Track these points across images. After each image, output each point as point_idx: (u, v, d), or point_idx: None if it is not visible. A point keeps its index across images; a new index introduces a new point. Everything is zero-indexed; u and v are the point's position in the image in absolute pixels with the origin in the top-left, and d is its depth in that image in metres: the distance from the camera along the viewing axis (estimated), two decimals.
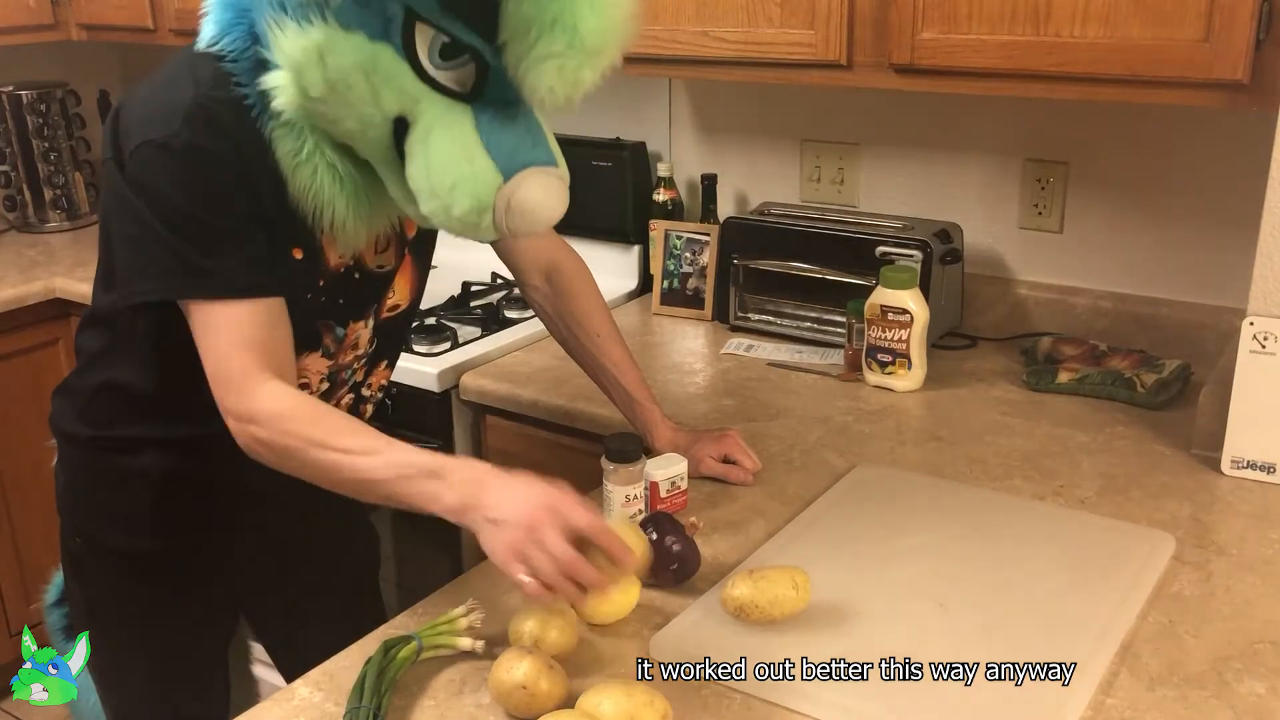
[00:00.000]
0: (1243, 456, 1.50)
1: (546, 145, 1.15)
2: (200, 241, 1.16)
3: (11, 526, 2.65)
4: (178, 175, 1.15)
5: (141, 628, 1.45)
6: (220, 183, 1.16)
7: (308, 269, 1.26)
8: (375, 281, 1.36)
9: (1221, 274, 1.89)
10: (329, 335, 1.34)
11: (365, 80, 1.08)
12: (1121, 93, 1.57)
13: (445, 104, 1.10)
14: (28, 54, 3.04)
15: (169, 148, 1.14)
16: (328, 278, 1.29)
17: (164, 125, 1.15)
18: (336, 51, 1.07)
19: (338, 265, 1.29)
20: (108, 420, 1.37)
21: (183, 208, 1.16)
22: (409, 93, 1.09)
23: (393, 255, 1.37)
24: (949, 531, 1.38)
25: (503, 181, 1.10)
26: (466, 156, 1.10)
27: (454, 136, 1.10)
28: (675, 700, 1.08)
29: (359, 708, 1.06)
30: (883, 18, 1.71)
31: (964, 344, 2.04)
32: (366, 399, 1.48)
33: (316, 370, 1.36)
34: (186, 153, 1.14)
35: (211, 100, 1.16)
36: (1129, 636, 1.17)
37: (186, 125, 1.14)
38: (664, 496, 1.39)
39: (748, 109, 2.30)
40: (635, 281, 2.39)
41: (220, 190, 1.16)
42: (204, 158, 1.15)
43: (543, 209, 1.14)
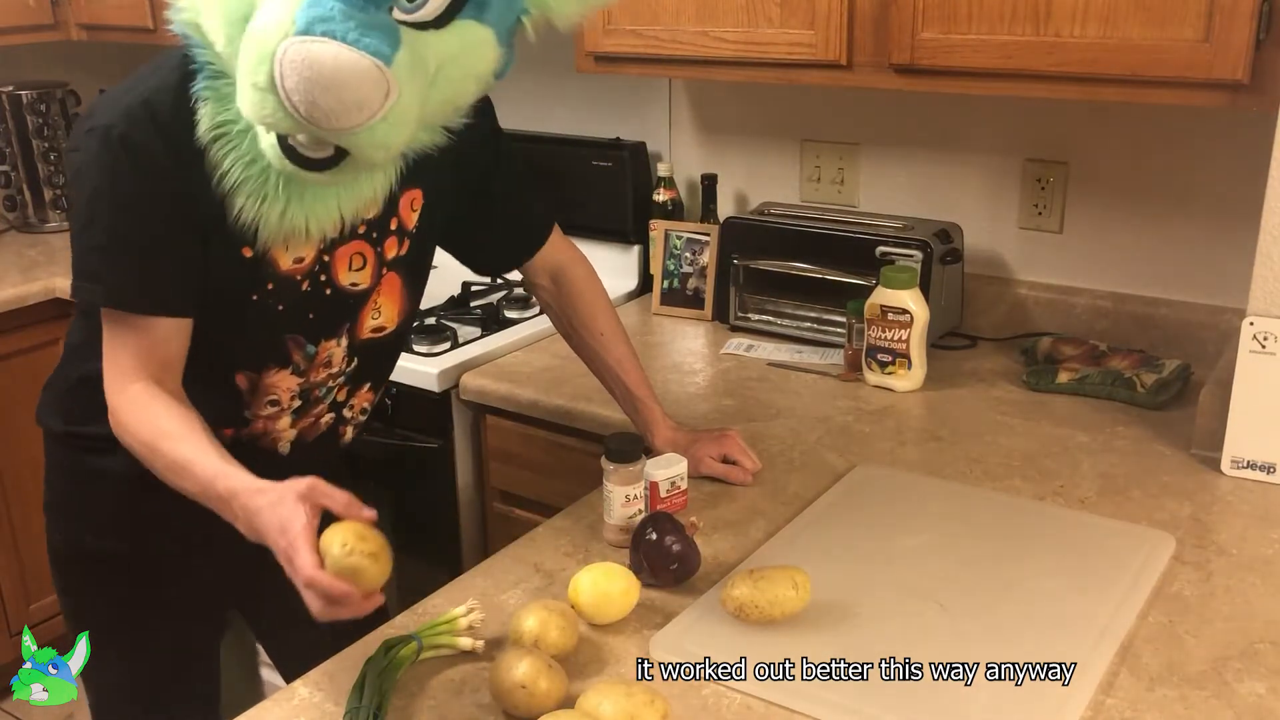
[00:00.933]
0: (1243, 456, 1.50)
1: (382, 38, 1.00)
2: (111, 243, 1.17)
3: (11, 526, 2.65)
4: (106, 167, 1.15)
5: (118, 627, 1.44)
6: (146, 182, 1.15)
7: (256, 269, 1.23)
8: (348, 300, 1.32)
9: (1221, 274, 1.89)
10: (298, 352, 1.32)
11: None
12: (1121, 93, 1.57)
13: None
14: (28, 54, 3.04)
15: (105, 138, 1.14)
16: (280, 283, 1.25)
17: (107, 115, 1.15)
18: None
19: (292, 270, 1.25)
20: (81, 416, 1.37)
21: (104, 203, 1.16)
22: None
23: (369, 275, 1.33)
24: (949, 531, 1.38)
25: (293, 34, 0.98)
26: (268, 15, 1.01)
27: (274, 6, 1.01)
28: (675, 700, 1.09)
29: (359, 708, 1.06)
30: (883, 18, 1.71)
31: (964, 344, 2.04)
32: (348, 420, 1.46)
33: (286, 388, 1.34)
34: (119, 145, 1.14)
35: (160, 94, 1.15)
36: (1129, 636, 1.17)
37: (125, 118, 1.14)
38: (664, 496, 1.39)
39: (748, 109, 2.30)
40: (635, 281, 2.39)
41: (144, 190, 1.15)
42: (135, 153, 1.14)
43: (325, 69, 0.98)
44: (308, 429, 1.41)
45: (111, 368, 1.21)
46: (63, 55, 3.14)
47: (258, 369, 1.31)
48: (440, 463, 2.01)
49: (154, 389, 1.20)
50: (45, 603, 2.72)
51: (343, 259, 1.29)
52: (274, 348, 1.30)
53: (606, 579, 1.21)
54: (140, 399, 1.19)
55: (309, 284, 1.28)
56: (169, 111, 1.14)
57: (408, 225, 1.36)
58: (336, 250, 1.28)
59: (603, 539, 1.39)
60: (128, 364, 1.19)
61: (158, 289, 1.19)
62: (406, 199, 1.33)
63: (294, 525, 1.04)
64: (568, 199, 2.44)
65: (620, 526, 1.36)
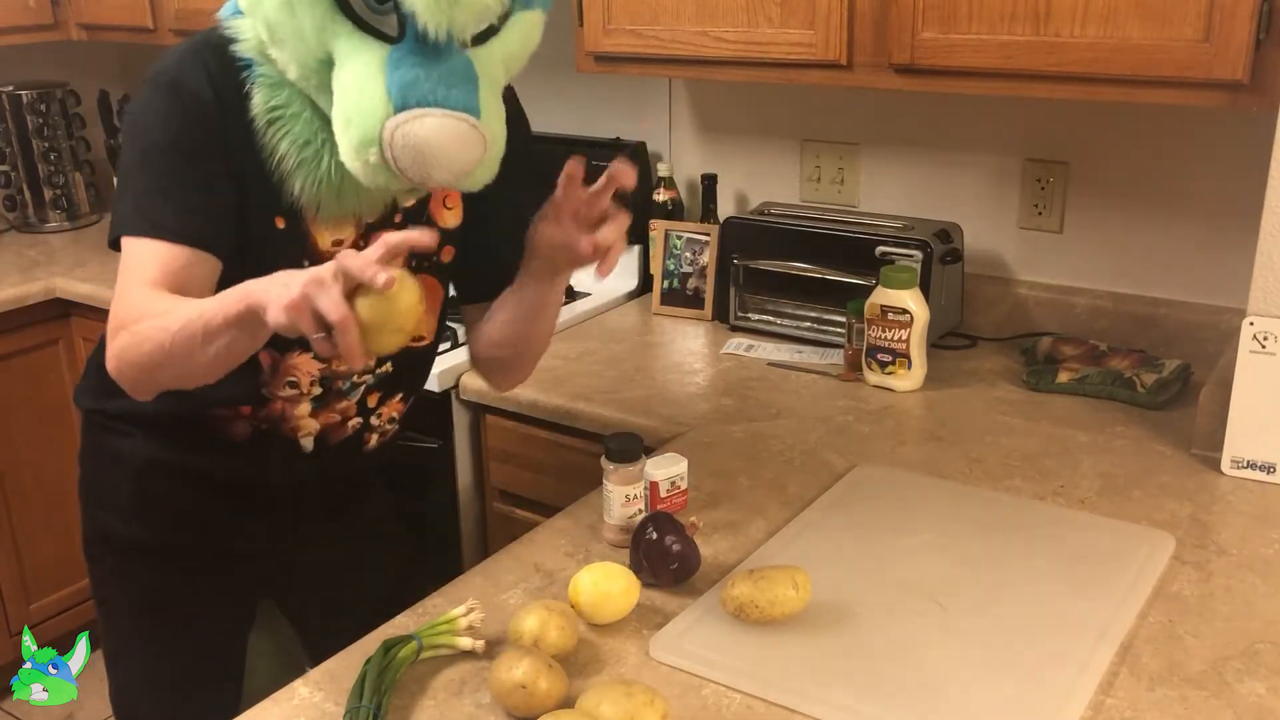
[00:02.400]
0: (1243, 456, 1.50)
1: (470, 91, 1.07)
2: (155, 176, 1.17)
3: (11, 526, 2.65)
4: (157, 105, 1.18)
5: (143, 615, 1.45)
6: (193, 120, 1.17)
7: (292, 242, 1.23)
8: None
9: (1221, 274, 1.89)
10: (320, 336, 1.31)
11: (290, 16, 1.08)
12: (1121, 93, 1.57)
13: (360, 40, 1.07)
14: (28, 54, 3.05)
15: (156, 82, 1.18)
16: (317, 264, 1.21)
17: (167, 64, 1.19)
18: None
19: (330, 252, 1.24)
20: (106, 392, 1.34)
21: (153, 137, 1.18)
22: (328, 27, 1.08)
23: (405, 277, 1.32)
24: (949, 531, 1.38)
25: (393, 112, 1.05)
26: (360, 87, 1.06)
27: (358, 68, 1.07)
28: (675, 700, 1.09)
29: (359, 707, 1.06)
30: (883, 18, 1.71)
31: (964, 344, 2.04)
32: (374, 428, 1.44)
33: (307, 371, 1.33)
34: (171, 87, 1.17)
35: (207, 49, 1.18)
36: (1129, 636, 1.17)
37: (176, 64, 1.18)
38: (664, 496, 1.39)
39: (748, 109, 2.30)
40: (635, 281, 2.39)
41: (192, 128, 1.17)
42: (184, 94, 1.16)
43: (439, 149, 1.05)
44: (332, 429, 1.39)
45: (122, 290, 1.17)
46: (63, 55, 3.14)
47: (282, 348, 1.30)
48: (440, 463, 2.01)
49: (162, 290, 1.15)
50: (45, 602, 2.72)
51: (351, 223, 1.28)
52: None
53: (606, 579, 1.21)
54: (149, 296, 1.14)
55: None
56: (214, 64, 1.18)
57: (439, 222, 1.35)
58: (370, 237, 1.27)
59: (603, 539, 1.39)
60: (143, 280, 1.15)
61: (200, 222, 1.18)
62: (438, 194, 1.34)
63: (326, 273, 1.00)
64: None
65: (620, 526, 1.36)
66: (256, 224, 1.21)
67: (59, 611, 2.74)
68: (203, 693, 1.49)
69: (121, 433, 1.38)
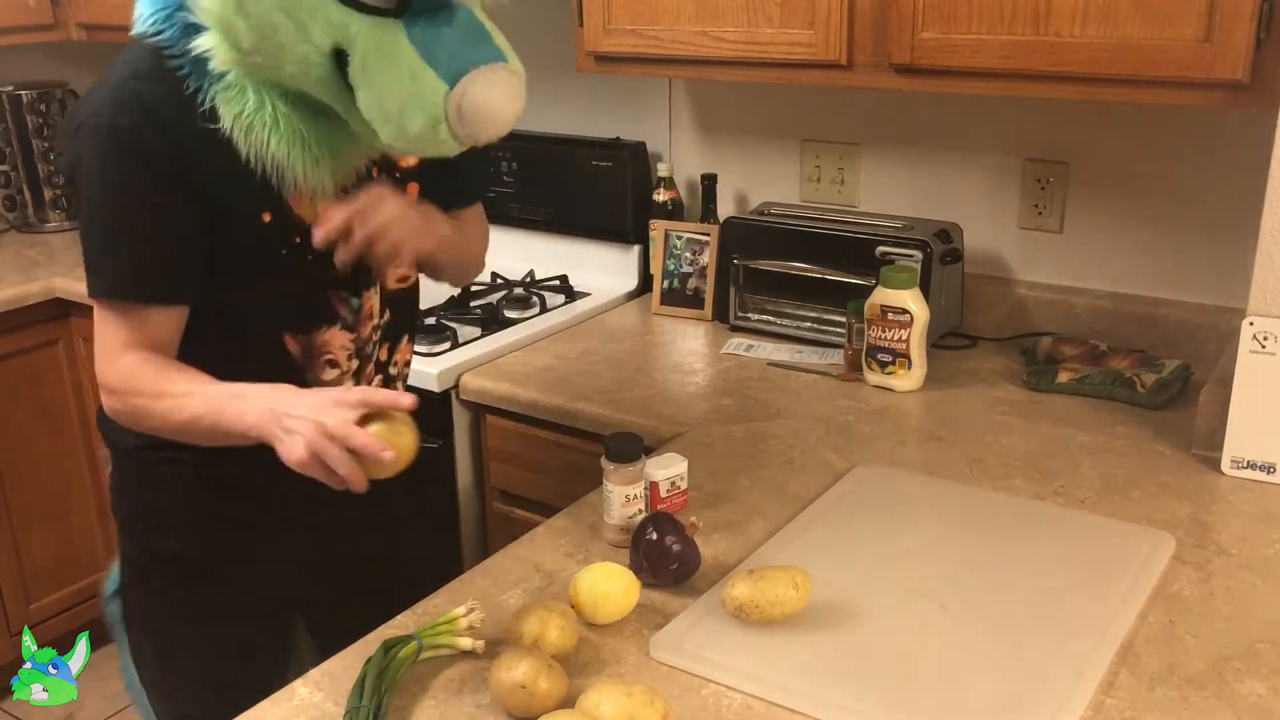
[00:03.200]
0: (1243, 456, 1.50)
1: (490, 41, 1.11)
2: (105, 233, 1.19)
3: (11, 526, 2.65)
4: (97, 158, 1.17)
5: (194, 635, 1.43)
6: (137, 167, 1.16)
7: (279, 228, 1.25)
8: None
9: (1221, 274, 1.89)
10: (344, 306, 1.34)
11: (288, 18, 1.08)
12: (1121, 93, 1.57)
13: (374, 24, 1.08)
14: (28, 54, 3.05)
15: (94, 129, 1.16)
16: (306, 234, 1.26)
17: (92, 109, 1.17)
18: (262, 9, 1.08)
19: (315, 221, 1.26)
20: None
21: (97, 192, 1.18)
22: (335, 21, 1.08)
23: None
24: (949, 531, 1.38)
25: (448, 89, 1.08)
26: (408, 75, 1.08)
27: (391, 58, 1.08)
28: (675, 700, 1.09)
29: (359, 708, 1.06)
30: (882, 18, 1.71)
31: (964, 344, 2.04)
32: (395, 377, 1.47)
33: (341, 345, 1.35)
34: (108, 134, 1.16)
35: (141, 81, 1.16)
36: (1129, 636, 1.17)
37: (110, 106, 1.16)
38: (664, 496, 1.39)
39: (748, 109, 2.30)
40: (635, 281, 2.39)
41: (136, 175, 1.17)
42: (124, 140, 1.15)
43: (495, 107, 1.10)
44: None
45: (103, 345, 1.24)
46: (63, 55, 3.14)
47: (307, 329, 1.32)
48: (440, 463, 2.01)
49: (149, 355, 1.23)
50: (45, 602, 2.72)
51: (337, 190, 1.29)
52: (318, 304, 1.32)
53: (606, 579, 1.21)
54: (137, 363, 1.22)
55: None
56: (154, 95, 1.16)
57: (400, 163, 1.37)
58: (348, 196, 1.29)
59: (603, 539, 1.39)
60: (125, 341, 1.22)
61: (158, 276, 1.21)
62: None
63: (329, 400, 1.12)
64: (568, 199, 2.44)
65: (620, 526, 1.36)
66: (241, 225, 1.22)
67: (59, 611, 2.74)
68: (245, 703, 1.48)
69: (171, 460, 1.36)
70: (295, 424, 1.11)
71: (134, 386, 1.22)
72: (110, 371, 1.23)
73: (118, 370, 1.23)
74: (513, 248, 2.52)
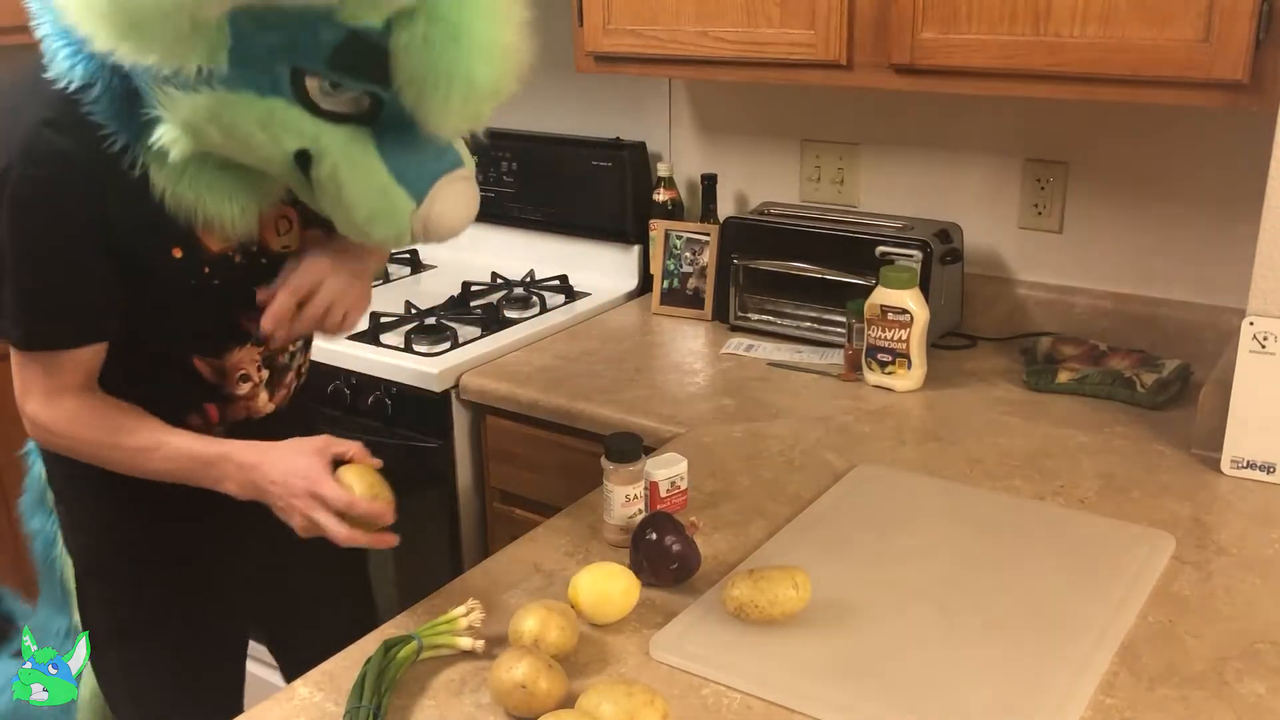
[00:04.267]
0: (1243, 456, 1.50)
1: (450, 147, 1.16)
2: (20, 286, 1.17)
3: (11, 526, 2.64)
4: (9, 210, 1.14)
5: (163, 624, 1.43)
6: (56, 220, 1.15)
7: (188, 262, 1.24)
8: (283, 264, 1.33)
9: (1221, 274, 1.89)
10: (254, 324, 1.32)
11: (262, 130, 1.08)
12: (1121, 93, 1.57)
13: (346, 134, 1.10)
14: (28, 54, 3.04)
15: (4, 180, 1.13)
16: (215, 264, 1.26)
17: (2, 158, 1.13)
18: (229, 111, 1.07)
19: (225, 249, 1.26)
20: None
21: (9, 244, 1.15)
22: (308, 132, 1.09)
23: (297, 236, 1.34)
24: (949, 531, 1.38)
25: (415, 207, 1.13)
26: (379, 190, 1.12)
27: (361, 171, 1.11)
28: (675, 700, 1.09)
29: (359, 707, 1.06)
30: (882, 18, 1.71)
31: (964, 344, 2.04)
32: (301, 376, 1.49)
33: (252, 360, 1.36)
34: (21, 186, 1.13)
35: (57, 131, 1.13)
36: (1129, 636, 1.17)
37: (22, 159, 1.13)
38: (664, 496, 1.39)
39: (748, 109, 2.30)
40: (635, 281, 2.39)
41: (54, 228, 1.15)
42: (39, 193, 1.14)
43: (455, 215, 1.17)
44: (280, 398, 1.44)
45: (32, 389, 1.23)
46: None
47: (218, 352, 1.32)
48: (440, 463, 2.01)
49: (89, 397, 1.24)
50: None
51: (269, 226, 1.29)
52: (227, 329, 1.32)
53: (606, 579, 1.21)
54: (78, 408, 1.23)
55: (241, 256, 1.28)
56: (67, 143, 1.13)
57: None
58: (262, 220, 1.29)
59: (603, 539, 1.39)
60: (54, 384, 1.22)
61: (76, 324, 1.22)
62: None
63: (314, 469, 1.20)
64: (568, 199, 2.44)
65: (620, 526, 1.36)
66: (152, 263, 1.22)
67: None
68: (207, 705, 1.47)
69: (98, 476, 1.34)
70: (287, 501, 1.20)
71: (78, 433, 1.24)
72: (44, 413, 1.24)
73: (54, 413, 1.23)
74: (513, 248, 2.52)
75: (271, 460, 1.22)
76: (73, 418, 1.23)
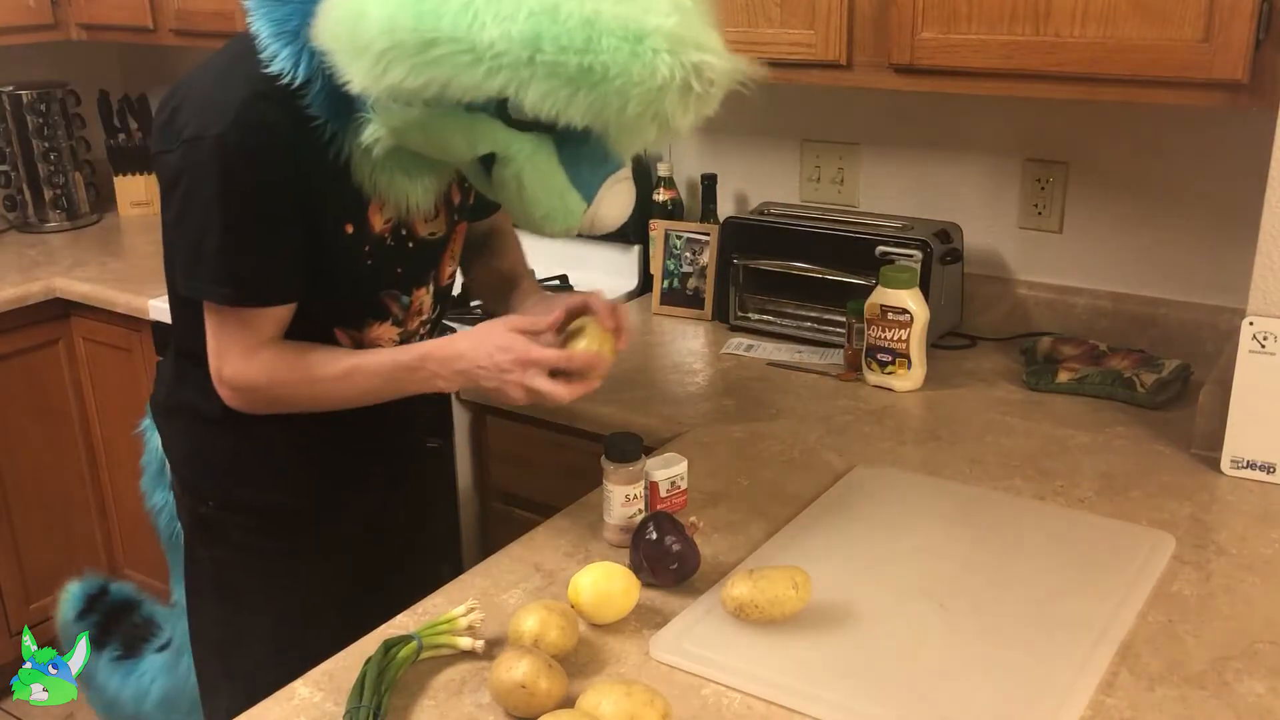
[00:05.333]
0: (1243, 456, 1.51)
1: (615, 153, 1.25)
2: (226, 243, 1.25)
3: (11, 526, 2.65)
4: (218, 173, 1.22)
5: (270, 587, 1.49)
6: (262, 184, 1.23)
7: (357, 239, 1.33)
8: (429, 249, 1.43)
9: (1221, 274, 1.89)
10: (395, 304, 1.41)
11: (462, 138, 1.19)
12: (1121, 93, 1.57)
13: (533, 142, 1.20)
14: (28, 54, 3.05)
15: (216, 146, 1.21)
16: (374, 243, 1.35)
17: (216, 122, 1.21)
18: (436, 124, 1.18)
19: (383, 231, 1.35)
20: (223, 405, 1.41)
21: (218, 205, 1.23)
22: (501, 139, 1.19)
23: (443, 223, 1.43)
24: (949, 531, 1.38)
25: (587, 207, 1.26)
26: (557, 193, 1.23)
27: (544, 176, 1.22)
28: (675, 700, 1.09)
29: (359, 707, 1.06)
30: (882, 18, 1.71)
31: (964, 344, 2.04)
32: None
33: (389, 338, 1.43)
34: (234, 153, 1.21)
35: (267, 104, 1.22)
36: (1129, 636, 1.17)
37: (235, 127, 1.21)
38: (664, 496, 1.39)
39: (747, 109, 2.29)
40: (635, 281, 2.39)
41: (260, 192, 1.24)
42: (249, 159, 1.22)
43: (618, 214, 1.31)
44: None
45: (231, 349, 1.31)
46: (63, 55, 3.14)
47: (359, 325, 1.40)
48: (440, 463, 2.01)
49: (279, 346, 1.33)
50: (45, 602, 2.71)
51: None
52: (371, 304, 1.40)
53: (606, 579, 1.21)
54: (273, 357, 1.31)
55: (393, 239, 1.37)
56: (275, 112, 1.22)
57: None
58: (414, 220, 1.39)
59: (603, 539, 1.39)
60: (253, 340, 1.31)
61: (279, 281, 1.30)
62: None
63: (515, 340, 1.28)
64: None
65: (620, 526, 1.36)
66: (328, 236, 1.31)
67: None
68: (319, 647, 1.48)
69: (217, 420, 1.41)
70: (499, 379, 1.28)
71: (280, 378, 1.32)
72: (246, 369, 1.31)
73: (256, 365, 1.31)
74: None
75: (472, 345, 1.30)
76: (272, 367, 1.31)
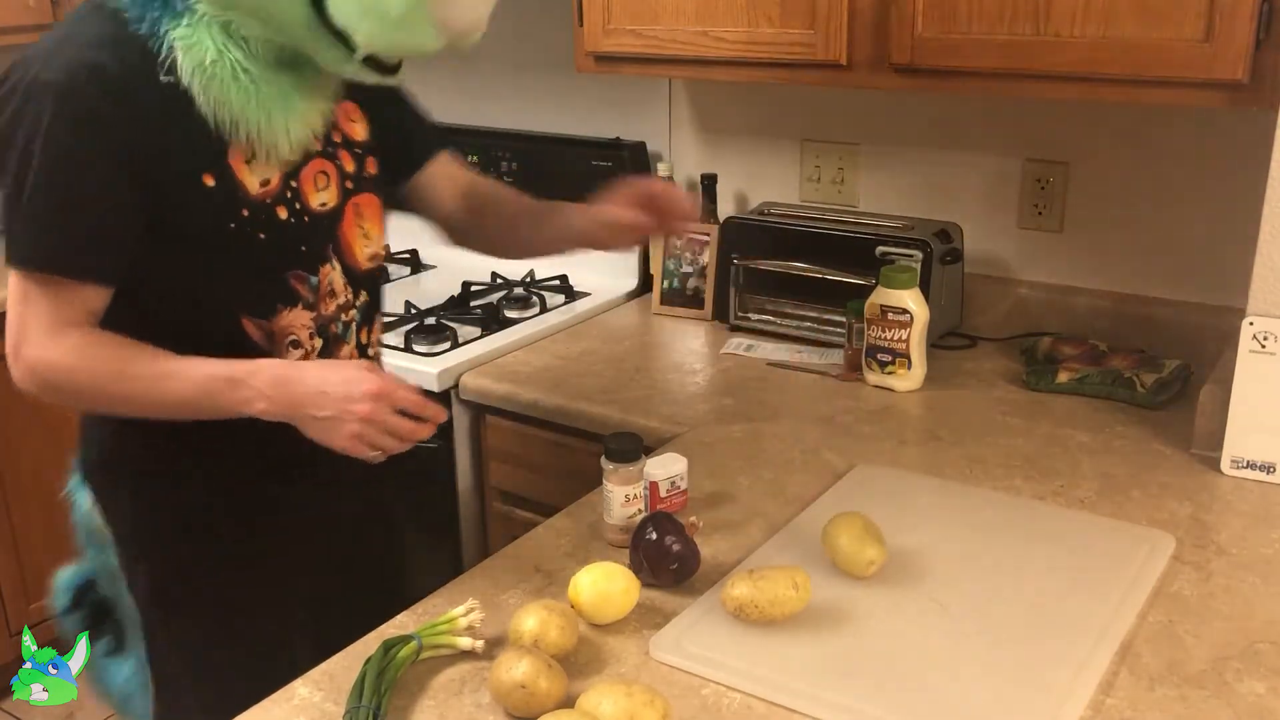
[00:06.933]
0: (1243, 456, 1.50)
1: None
2: (47, 201, 1.16)
3: (11, 526, 2.65)
4: (44, 120, 1.13)
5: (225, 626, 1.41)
6: (81, 136, 1.14)
7: (223, 196, 1.23)
8: (324, 220, 1.33)
9: (1221, 274, 1.89)
10: (303, 286, 1.32)
11: None
12: (1121, 93, 1.57)
13: None
14: None
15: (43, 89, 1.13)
16: (254, 209, 1.25)
17: (43, 70, 1.14)
18: None
19: (261, 195, 1.25)
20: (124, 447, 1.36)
21: (41, 156, 1.14)
22: None
23: (335, 193, 1.34)
24: (949, 532, 1.38)
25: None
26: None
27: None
28: (675, 700, 1.09)
29: (359, 707, 1.06)
30: (882, 17, 1.71)
31: (964, 344, 2.04)
32: (373, 358, 1.46)
33: (303, 325, 1.33)
34: (60, 98, 1.13)
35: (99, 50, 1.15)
36: (1129, 636, 1.17)
37: (64, 71, 1.13)
38: (664, 496, 1.39)
39: (748, 109, 2.30)
40: (635, 281, 2.39)
41: (86, 144, 1.14)
42: (77, 105, 1.13)
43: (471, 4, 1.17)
44: None
45: (33, 326, 1.19)
46: None
47: (266, 313, 1.30)
48: (440, 463, 2.01)
49: (94, 332, 1.21)
50: (45, 602, 2.71)
51: (308, 179, 1.30)
52: (275, 285, 1.30)
53: (606, 579, 1.21)
54: (83, 341, 1.20)
55: (286, 211, 1.28)
56: (116, 66, 1.15)
57: (352, 137, 1.38)
58: (300, 172, 1.30)
59: (603, 539, 1.39)
60: (60, 318, 1.19)
61: (93, 255, 1.19)
62: (342, 111, 1.37)
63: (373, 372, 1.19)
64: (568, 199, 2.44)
65: (620, 526, 1.36)
66: (180, 190, 1.20)
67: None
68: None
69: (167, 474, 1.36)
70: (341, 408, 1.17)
71: (87, 365, 1.19)
72: (47, 351, 1.19)
73: (58, 349, 1.19)
74: None
75: (321, 373, 1.19)
76: (80, 351, 1.19)
